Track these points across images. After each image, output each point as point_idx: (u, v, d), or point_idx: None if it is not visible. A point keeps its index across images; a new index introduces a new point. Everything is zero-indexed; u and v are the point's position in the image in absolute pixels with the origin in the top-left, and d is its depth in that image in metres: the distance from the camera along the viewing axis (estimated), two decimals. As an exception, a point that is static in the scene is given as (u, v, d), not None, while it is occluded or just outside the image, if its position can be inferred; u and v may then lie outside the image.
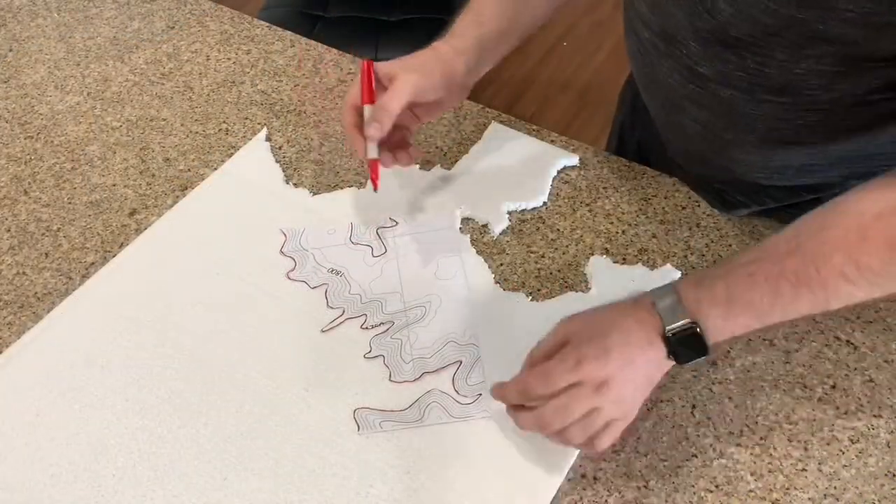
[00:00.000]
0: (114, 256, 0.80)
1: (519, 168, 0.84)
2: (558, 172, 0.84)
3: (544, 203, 0.82)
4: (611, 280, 0.75)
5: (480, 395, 0.68)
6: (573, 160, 0.85)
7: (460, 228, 0.80)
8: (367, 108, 0.70)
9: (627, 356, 0.59)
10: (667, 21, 0.68)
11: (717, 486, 0.62)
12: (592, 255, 0.77)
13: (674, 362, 0.59)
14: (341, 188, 0.85)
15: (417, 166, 0.85)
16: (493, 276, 0.76)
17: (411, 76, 0.69)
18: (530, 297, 0.74)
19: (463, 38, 0.72)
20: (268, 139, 0.90)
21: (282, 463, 0.64)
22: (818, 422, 0.65)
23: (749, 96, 0.66)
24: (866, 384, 0.67)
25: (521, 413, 0.61)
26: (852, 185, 0.59)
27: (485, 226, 0.80)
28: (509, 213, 0.81)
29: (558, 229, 0.80)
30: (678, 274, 0.75)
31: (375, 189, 0.71)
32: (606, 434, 0.59)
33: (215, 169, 0.87)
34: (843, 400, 0.67)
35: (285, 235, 0.80)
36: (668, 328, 0.58)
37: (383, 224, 0.81)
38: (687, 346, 0.58)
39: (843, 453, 0.64)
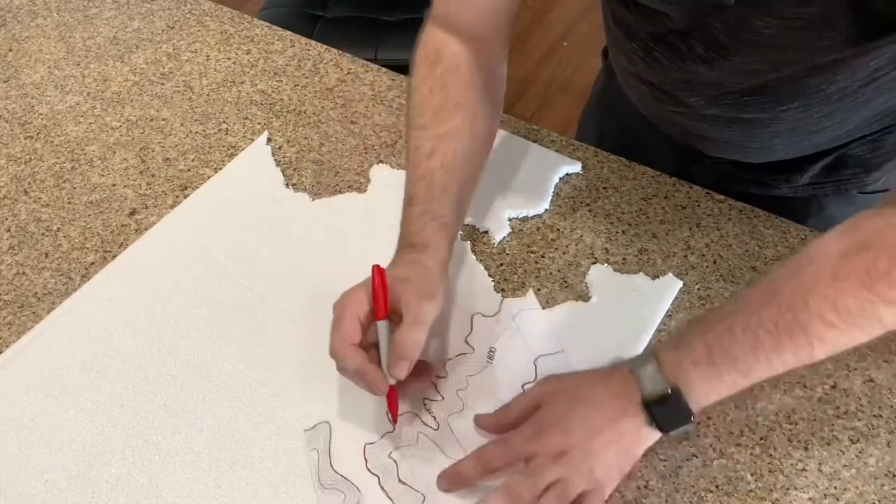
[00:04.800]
0: (114, 256, 0.80)
1: (520, 175, 0.84)
2: (559, 179, 0.84)
3: (545, 210, 0.82)
4: (612, 289, 0.74)
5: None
6: (576, 167, 0.84)
7: (460, 235, 0.79)
8: (381, 325, 0.62)
9: (593, 427, 0.57)
10: (663, 80, 0.73)
11: (717, 486, 0.62)
12: (593, 254, 0.77)
13: (659, 433, 0.58)
14: (341, 189, 0.85)
15: None
16: (493, 281, 0.76)
17: (429, 305, 0.62)
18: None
19: (439, 249, 0.66)
20: (269, 142, 0.90)
21: (276, 472, 0.64)
22: (818, 422, 0.65)
23: (764, 113, 0.71)
24: (866, 384, 0.67)
25: (490, 498, 0.57)
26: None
27: (485, 233, 0.80)
28: (510, 220, 0.81)
29: (558, 229, 0.80)
30: (679, 283, 0.74)
31: (395, 422, 0.64)
32: None
33: (215, 169, 0.87)
34: (843, 400, 0.66)
35: None
36: (646, 396, 0.57)
37: None
38: (669, 413, 0.57)
39: (843, 453, 0.64)
